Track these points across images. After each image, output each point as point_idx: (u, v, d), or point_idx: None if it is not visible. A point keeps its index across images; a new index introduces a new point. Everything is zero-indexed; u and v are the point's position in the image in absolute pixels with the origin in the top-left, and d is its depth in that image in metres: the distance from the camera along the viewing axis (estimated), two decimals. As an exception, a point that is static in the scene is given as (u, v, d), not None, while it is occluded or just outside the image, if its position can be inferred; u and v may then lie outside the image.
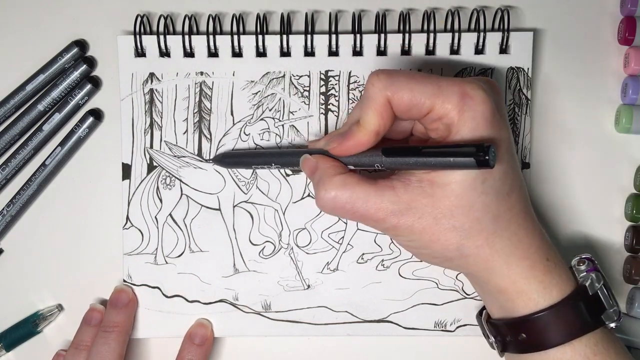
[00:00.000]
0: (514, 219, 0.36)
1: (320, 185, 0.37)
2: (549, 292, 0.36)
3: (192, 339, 0.44)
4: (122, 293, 0.45)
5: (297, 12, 0.46)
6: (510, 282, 0.37)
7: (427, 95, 0.35)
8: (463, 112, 0.35)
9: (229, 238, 0.45)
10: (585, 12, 0.46)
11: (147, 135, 0.45)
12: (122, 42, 0.45)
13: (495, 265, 0.36)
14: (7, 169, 0.46)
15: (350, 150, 0.37)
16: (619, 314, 0.37)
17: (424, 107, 0.35)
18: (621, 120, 0.45)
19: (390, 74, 0.36)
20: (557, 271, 0.37)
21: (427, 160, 0.34)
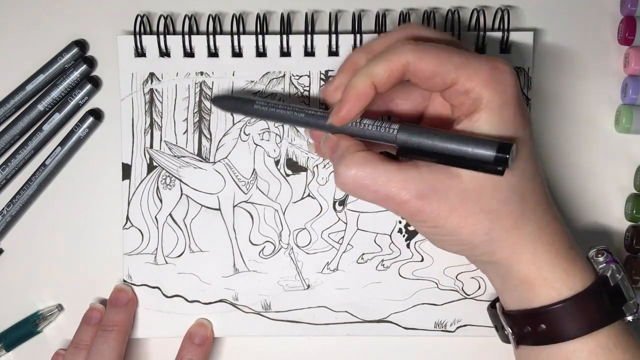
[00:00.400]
0: (540, 203, 0.35)
1: (341, 161, 0.35)
2: (572, 281, 0.35)
3: (192, 339, 0.44)
4: (122, 292, 0.45)
5: (297, 12, 0.46)
6: (535, 269, 0.35)
7: (455, 65, 0.34)
8: (493, 86, 0.33)
9: (229, 238, 0.45)
10: (585, 12, 0.46)
11: (147, 135, 0.45)
12: (122, 42, 0.45)
13: (521, 251, 0.35)
14: (7, 169, 0.46)
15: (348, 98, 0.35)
16: (638, 306, 0.36)
17: (449, 77, 0.34)
18: (621, 120, 0.45)
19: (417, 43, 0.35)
20: (580, 261, 0.36)
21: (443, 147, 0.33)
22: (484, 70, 0.34)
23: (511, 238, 0.35)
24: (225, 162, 0.45)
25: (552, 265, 0.35)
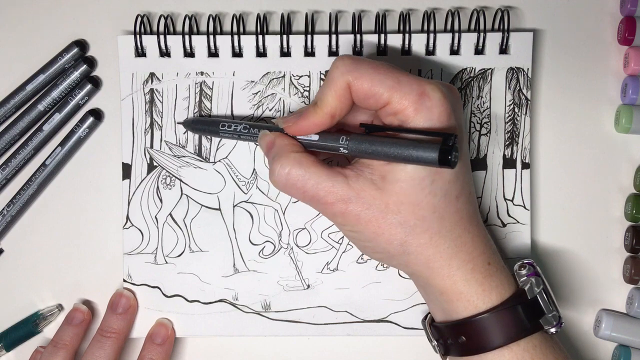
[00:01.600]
0: (460, 222, 0.37)
1: (276, 160, 0.37)
2: (488, 295, 0.37)
3: (152, 339, 0.44)
4: (122, 298, 0.44)
5: (297, 12, 0.46)
6: (451, 284, 0.37)
7: (386, 87, 0.35)
8: (419, 111, 0.35)
9: (229, 238, 0.45)
10: (585, 12, 0.46)
11: (147, 135, 0.45)
12: (122, 42, 0.45)
13: (436, 265, 0.37)
14: (7, 169, 0.46)
15: (304, 129, 0.37)
16: (558, 319, 0.37)
17: (381, 98, 0.35)
18: (621, 120, 0.45)
19: (355, 60, 0.36)
20: (498, 275, 0.38)
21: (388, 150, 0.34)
22: (412, 95, 0.35)
23: (426, 253, 0.37)
24: (225, 162, 0.45)
25: (467, 280, 0.37)
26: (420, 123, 0.35)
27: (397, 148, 0.34)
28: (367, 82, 0.35)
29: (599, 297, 0.46)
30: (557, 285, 0.46)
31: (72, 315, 0.45)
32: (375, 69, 0.36)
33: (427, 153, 0.33)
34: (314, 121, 0.37)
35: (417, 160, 0.34)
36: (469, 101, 0.45)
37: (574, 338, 0.46)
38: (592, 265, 0.46)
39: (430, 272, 0.37)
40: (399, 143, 0.34)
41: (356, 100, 0.36)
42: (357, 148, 0.35)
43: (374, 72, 0.35)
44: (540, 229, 0.46)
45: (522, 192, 0.45)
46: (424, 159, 0.33)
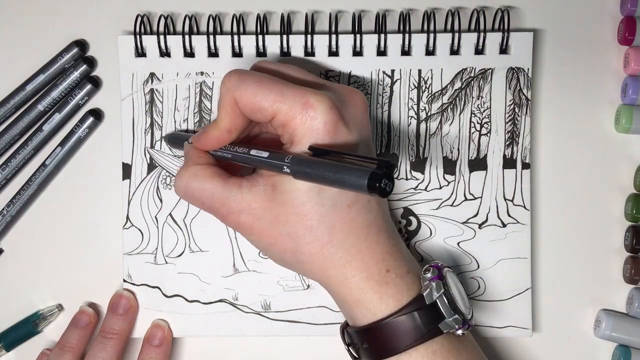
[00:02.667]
0: (353, 231, 0.37)
1: (179, 171, 0.39)
2: (385, 302, 0.37)
3: (150, 342, 0.44)
4: (122, 299, 0.44)
5: (297, 13, 0.46)
6: (347, 292, 0.37)
7: (270, 101, 0.36)
8: (304, 122, 0.35)
9: (229, 238, 0.45)
10: (585, 12, 0.46)
11: (147, 135, 0.45)
12: (122, 42, 0.45)
13: (331, 274, 0.37)
14: (7, 169, 0.46)
15: (206, 144, 0.39)
16: (462, 321, 0.37)
17: (267, 112, 0.36)
18: (621, 120, 0.45)
19: (240, 76, 0.37)
20: (398, 282, 0.37)
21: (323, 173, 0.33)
22: (296, 106, 0.35)
23: (319, 262, 0.37)
24: (225, 162, 0.45)
25: (362, 289, 0.37)
26: (307, 133, 0.35)
27: (331, 171, 0.33)
28: (251, 97, 0.36)
29: (599, 297, 0.46)
30: (557, 285, 0.46)
31: (78, 317, 0.45)
32: (259, 83, 0.36)
33: (356, 178, 0.32)
34: (213, 136, 0.38)
35: (348, 185, 0.33)
36: (469, 101, 0.45)
37: (574, 338, 0.46)
38: (592, 265, 0.46)
39: (327, 280, 0.38)
40: (334, 167, 0.33)
41: (246, 114, 0.37)
42: (297, 169, 0.35)
43: (257, 87, 0.36)
44: (540, 229, 0.46)
45: (522, 192, 0.45)
46: (354, 183, 0.32)
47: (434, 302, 0.37)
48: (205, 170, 0.38)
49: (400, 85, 0.45)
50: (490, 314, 0.44)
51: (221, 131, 0.38)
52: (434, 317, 0.36)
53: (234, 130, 0.38)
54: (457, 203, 0.45)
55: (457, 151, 0.45)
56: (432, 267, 0.38)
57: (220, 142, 0.38)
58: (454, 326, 0.37)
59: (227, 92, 0.37)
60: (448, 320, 0.36)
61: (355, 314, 0.38)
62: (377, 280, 0.37)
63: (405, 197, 0.45)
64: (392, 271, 0.38)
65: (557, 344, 0.46)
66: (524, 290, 0.45)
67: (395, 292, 0.37)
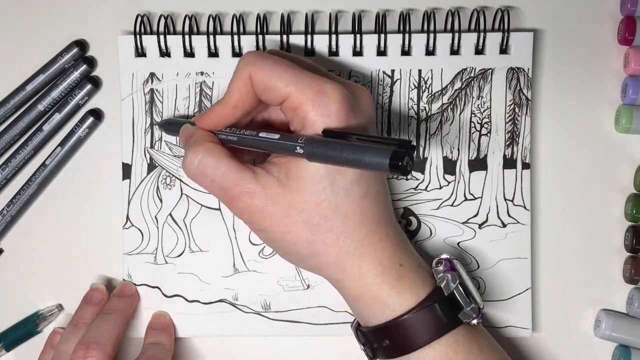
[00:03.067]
0: (365, 222, 0.37)
1: (190, 148, 0.37)
2: (403, 297, 0.37)
3: (153, 327, 0.44)
4: (127, 287, 0.45)
5: (297, 12, 0.46)
6: (363, 287, 0.37)
7: (284, 81, 0.35)
8: (316, 107, 0.35)
9: (229, 238, 0.45)
10: (585, 12, 0.46)
11: (147, 135, 0.45)
12: (122, 42, 0.45)
13: (346, 267, 0.37)
14: (7, 169, 0.46)
15: (210, 121, 0.38)
16: (478, 310, 0.37)
17: (280, 93, 0.36)
18: (621, 120, 0.45)
19: (259, 55, 0.37)
20: (412, 276, 0.37)
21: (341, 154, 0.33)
22: (310, 92, 0.35)
23: (334, 253, 0.37)
24: (225, 162, 0.45)
25: (379, 284, 0.37)
26: (319, 119, 0.35)
27: (350, 152, 0.33)
28: (267, 74, 0.36)
29: (599, 297, 0.46)
30: (557, 285, 0.46)
31: (91, 295, 0.45)
32: (276, 63, 0.36)
33: (378, 157, 0.32)
34: (219, 113, 0.38)
35: (369, 165, 0.32)
36: (469, 101, 0.45)
37: (574, 338, 0.46)
38: (592, 265, 0.46)
39: (342, 274, 0.37)
40: (352, 147, 0.33)
41: (258, 93, 0.37)
42: (312, 150, 0.34)
43: (274, 66, 0.36)
44: (540, 229, 0.46)
45: (522, 192, 0.45)
46: (375, 163, 0.32)
47: (451, 293, 0.37)
48: (220, 149, 0.37)
49: (400, 85, 0.45)
50: (490, 314, 0.45)
51: (227, 106, 0.37)
52: (452, 308, 0.37)
53: (239, 108, 0.37)
54: (457, 203, 0.45)
55: (457, 151, 0.45)
56: (444, 259, 0.38)
57: (225, 120, 0.38)
58: (472, 315, 0.37)
59: (243, 67, 0.36)
60: (466, 309, 0.37)
61: (373, 312, 0.37)
62: (392, 275, 0.37)
63: (406, 197, 0.45)
64: (405, 265, 0.38)
65: (557, 344, 0.46)
66: (524, 290, 0.45)
67: (412, 286, 0.37)
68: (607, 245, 0.46)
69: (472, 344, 0.37)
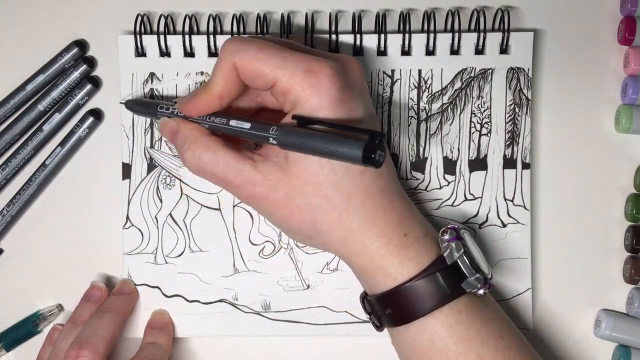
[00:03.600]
0: (369, 197, 0.37)
1: (186, 146, 0.38)
2: (406, 266, 0.37)
3: (152, 326, 0.44)
4: (126, 285, 0.45)
5: (297, 12, 0.46)
6: (367, 259, 0.37)
7: (271, 66, 0.35)
8: (306, 88, 0.35)
9: (229, 238, 0.45)
10: (585, 12, 0.46)
11: (147, 135, 0.45)
12: (122, 41, 0.45)
13: (351, 242, 0.37)
14: (7, 169, 0.46)
15: (194, 109, 0.38)
16: (483, 280, 0.37)
17: (268, 78, 0.35)
18: (621, 120, 0.45)
19: (242, 42, 0.36)
20: (417, 245, 0.37)
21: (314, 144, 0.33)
22: (299, 73, 0.35)
23: (338, 231, 0.37)
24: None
25: (383, 255, 0.37)
26: (309, 99, 0.35)
27: (323, 143, 0.33)
28: (252, 61, 0.35)
29: (599, 297, 0.46)
30: (557, 285, 0.46)
31: (90, 292, 0.45)
32: (261, 48, 0.36)
33: (351, 150, 0.32)
34: (203, 101, 0.37)
35: (342, 157, 0.33)
36: (469, 101, 0.45)
37: (574, 338, 0.46)
38: (592, 265, 0.46)
39: (347, 250, 0.38)
40: (325, 138, 0.33)
41: (245, 81, 0.37)
42: (285, 140, 0.34)
43: (259, 52, 0.35)
44: (540, 229, 0.46)
45: (522, 192, 0.45)
46: (348, 155, 0.32)
47: (455, 262, 0.37)
48: (216, 142, 0.37)
49: (400, 85, 0.45)
50: (490, 314, 0.45)
51: (212, 96, 0.37)
52: (456, 277, 0.37)
53: (226, 97, 0.37)
54: (457, 203, 0.45)
55: (457, 151, 0.45)
56: (450, 228, 0.38)
57: (210, 109, 0.38)
58: (476, 285, 0.37)
59: (226, 56, 0.36)
60: (470, 279, 0.37)
61: (376, 281, 0.38)
62: (396, 245, 0.37)
63: (405, 197, 0.45)
64: (410, 235, 0.38)
65: (557, 344, 0.46)
66: (524, 291, 0.45)
67: (415, 255, 0.37)
68: (607, 245, 0.46)
69: (475, 314, 0.37)
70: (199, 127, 0.39)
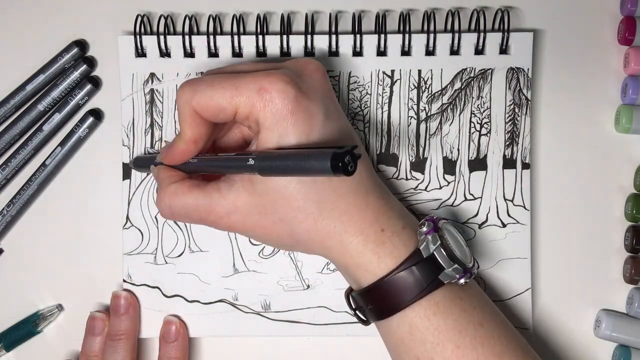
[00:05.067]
0: (340, 199, 0.37)
1: (158, 194, 0.39)
2: (383, 261, 0.37)
3: (165, 339, 0.44)
4: (119, 299, 0.44)
5: (297, 13, 0.46)
6: (348, 258, 0.38)
7: (227, 98, 0.36)
8: (264, 107, 0.35)
9: (229, 238, 0.45)
10: (585, 12, 0.46)
11: (147, 135, 0.45)
12: (122, 42, 0.45)
13: (330, 245, 0.38)
14: (7, 169, 0.46)
15: (173, 158, 0.39)
16: (462, 270, 0.37)
17: (228, 110, 0.36)
18: (621, 120, 0.45)
19: (193, 85, 0.37)
20: (394, 240, 0.38)
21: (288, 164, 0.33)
22: (252, 95, 0.35)
23: (317, 237, 0.37)
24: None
25: (361, 252, 0.37)
26: (268, 116, 0.35)
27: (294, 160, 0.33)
28: (208, 101, 0.36)
29: (599, 297, 0.46)
30: (557, 285, 0.46)
31: (92, 324, 0.45)
32: (211, 85, 0.36)
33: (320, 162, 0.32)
34: (180, 149, 0.38)
35: (314, 171, 0.32)
36: (469, 101, 0.45)
37: (574, 338, 0.46)
38: (592, 265, 0.46)
39: (327, 252, 0.38)
40: (296, 155, 0.33)
41: (210, 120, 0.37)
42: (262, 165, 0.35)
43: (211, 90, 0.36)
44: (540, 229, 0.46)
45: (522, 192, 0.45)
46: (319, 168, 0.32)
47: (431, 255, 0.37)
48: (182, 186, 0.38)
49: (400, 86, 0.45)
50: (490, 314, 0.45)
51: (187, 144, 0.38)
52: (432, 269, 0.37)
53: (199, 140, 0.38)
54: (457, 203, 0.45)
55: (457, 151, 0.45)
56: (428, 220, 0.38)
57: (188, 155, 0.39)
58: (455, 276, 0.37)
59: (184, 104, 0.37)
60: (447, 270, 0.37)
61: (357, 278, 0.38)
62: (373, 241, 0.37)
63: (405, 197, 0.45)
64: (387, 229, 0.38)
65: (557, 344, 0.46)
66: (524, 291, 0.45)
67: (392, 250, 0.37)
68: (607, 245, 0.46)
69: (454, 305, 0.37)
70: (173, 172, 0.40)
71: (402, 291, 0.37)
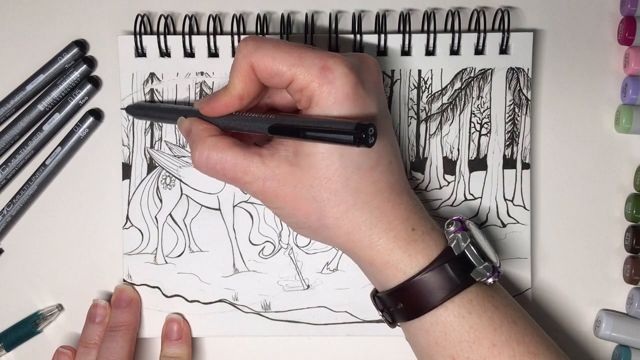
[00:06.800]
0: (378, 192, 0.37)
1: (194, 146, 0.38)
2: (414, 260, 0.37)
3: (169, 337, 0.44)
4: (123, 293, 0.45)
5: (297, 13, 0.46)
6: (375, 254, 0.37)
7: (288, 64, 0.36)
8: (322, 85, 0.35)
9: (229, 238, 0.45)
10: (585, 12, 0.46)
11: (147, 135, 0.45)
12: (122, 42, 0.45)
13: (357, 237, 0.37)
14: (7, 169, 0.46)
15: (215, 110, 0.38)
16: (492, 269, 0.37)
17: (285, 76, 0.36)
18: (621, 120, 0.45)
19: (257, 42, 0.36)
20: (425, 239, 0.38)
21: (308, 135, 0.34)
22: (315, 70, 0.35)
23: (344, 225, 0.37)
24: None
25: (390, 249, 0.37)
26: (325, 96, 0.35)
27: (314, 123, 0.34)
28: (269, 61, 0.36)
29: (599, 297, 0.46)
30: (557, 285, 0.46)
31: (94, 312, 0.45)
32: (277, 47, 0.36)
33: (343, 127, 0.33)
34: (224, 102, 0.38)
35: (335, 140, 0.33)
36: (469, 101, 0.45)
37: (574, 338, 0.46)
38: (592, 265, 0.46)
39: (353, 245, 0.38)
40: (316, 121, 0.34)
41: (263, 80, 0.37)
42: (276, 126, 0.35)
43: (275, 51, 0.36)
44: (540, 229, 0.46)
45: (522, 192, 0.45)
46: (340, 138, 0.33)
47: (462, 253, 0.37)
48: (224, 141, 0.38)
49: (400, 85, 0.45)
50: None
51: (232, 98, 0.38)
52: (464, 267, 0.37)
53: (245, 97, 0.38)
54: (457, 203, 0.45)
55: (457, 151, 0.45)
56: (455, 220, 0.38)
57: (230, 109, 0.38)
58: (485, 274, 0.37)
59: (243, 57, 0.36)
60: (479, 268, 0.37)
61: (385, 276, 0.38)
62: (404, 239, 0.37)
63: (405, 197, 0.45)
64: (418, 229, 0.38)
65: (557, 344, 0.46)
66: (524, 291, 0.45)
67: (424, 248, 0.37)
68: (607, 245, 0.46)
69: (486, 302, 0.37)
70: (209, 126, 0.39)
71: (434, 290, 0.36)
